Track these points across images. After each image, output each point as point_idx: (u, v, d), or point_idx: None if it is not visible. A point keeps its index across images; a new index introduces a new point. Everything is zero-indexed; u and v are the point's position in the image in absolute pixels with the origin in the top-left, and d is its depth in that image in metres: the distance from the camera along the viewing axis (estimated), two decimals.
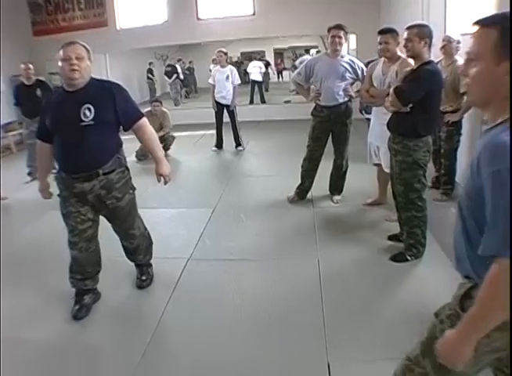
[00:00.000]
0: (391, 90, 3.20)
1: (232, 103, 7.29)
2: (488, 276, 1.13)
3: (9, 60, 9.59)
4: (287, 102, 10.92)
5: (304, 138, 4.82)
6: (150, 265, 3.49)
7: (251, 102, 11.53)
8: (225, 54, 7.31)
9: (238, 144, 7.50)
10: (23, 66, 6.84)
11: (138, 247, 3.31)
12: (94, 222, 2.99)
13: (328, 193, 4.90)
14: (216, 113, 7.47)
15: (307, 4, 9.04)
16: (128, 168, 3.04)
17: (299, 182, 4.85)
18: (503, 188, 1.06)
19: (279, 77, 16.65)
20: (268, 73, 13.76)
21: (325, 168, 4.78)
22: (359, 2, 8.77)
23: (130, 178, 3.06)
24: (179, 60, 14.77)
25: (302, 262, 3.60)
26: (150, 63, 14.97)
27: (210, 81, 7.44)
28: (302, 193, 4.88)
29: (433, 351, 1.34)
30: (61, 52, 2.70)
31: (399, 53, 3.70)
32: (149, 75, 15.08)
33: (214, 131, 7.72)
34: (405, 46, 3.21)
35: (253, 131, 8.10)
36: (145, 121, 2.98)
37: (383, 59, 3.89)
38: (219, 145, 7.61)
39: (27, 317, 3.10)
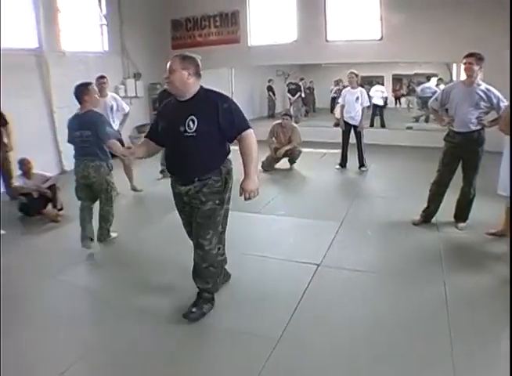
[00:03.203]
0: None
1: (360, 123, 7.35)
2: None
3: (149, 70, 10.48)
4: (409, 128, 10.73)
5: (427, 165, 4.91)
6: (209, 301, 3.19)
7: (371, 125, 11.48)
8: (357, 76, 7.40)
9: (362, 165, 7.52)
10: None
11: (201, 263, 3.08)
12: None
13: (453, 219, 4.80)
14: (343, 132, 7.56)
15: (434, 31, 8.89)
16: (227, 180, 3.03)
17: (424, 205, 4.82)
18: None
19: (396, 103, 16.42)
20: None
21: (452, 193, 4.70)
22: (488, 29, 8.44)
23: (224, 190, 3.03)
24: (302, 79, 15.05)
25: (427, 281, 3.62)
26: (270, 80, 15.43)
27: (340, 101, 7.57)
28: (427, 216, 4.85)
29: None
30: None
31: None
32: (270, 92, 15.58)
33: (336, 151, 7.83)
34: None
35: (374, 153, 8.06)
36: (249, 133, 2.92)
37: None
38: (343, 163, 7.68)
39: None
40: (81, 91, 4.31)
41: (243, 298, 3.40)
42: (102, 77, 6.18)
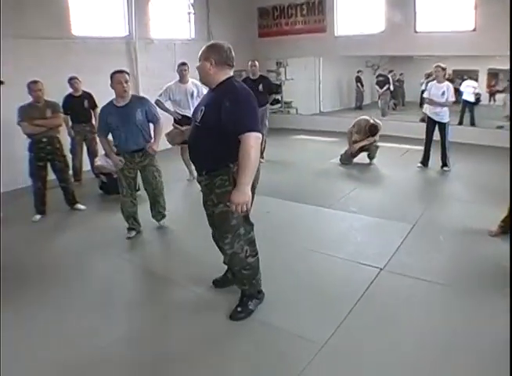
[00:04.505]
0: None
1: (440, 106, 6.88)
2: None
3: (234, 58, 10.61)
4: (500, 127, 9.97)
5: None
6: (254, 297, 3.17)
7: (460, 123, 10.79)
8: (443, 69, 6.95)
9: (444, 164, 7.07)
10: (250, 62, 7.48)
11: (232, 266, 3.12)
12: None
13: None
14: (427, 128, 7.15)
15: None
16: (236, 180, 2.72)
17: (505, 215, 4.39)
18: None
19: (490, 100, 15.28)
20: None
21: None
22: None
23: None
24: (391, 71, 14.45)
25: (494, 305, 3.20)
26: (359, 71, 15.07)
27: (426, 95, 7.16)
28: (506, 227, 4.41)
29: None
30: None
31: None
32: (358, 84, 15.25)
33: (420, 148, 7.42)
34: None
35: (460, 153, 7.58)
36: (247, 137, 2.61)
37: None
38: (425, 162, 7.26)
39: None
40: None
41: (297, 295, 3.37)
42: (183, 63, 6.34)
